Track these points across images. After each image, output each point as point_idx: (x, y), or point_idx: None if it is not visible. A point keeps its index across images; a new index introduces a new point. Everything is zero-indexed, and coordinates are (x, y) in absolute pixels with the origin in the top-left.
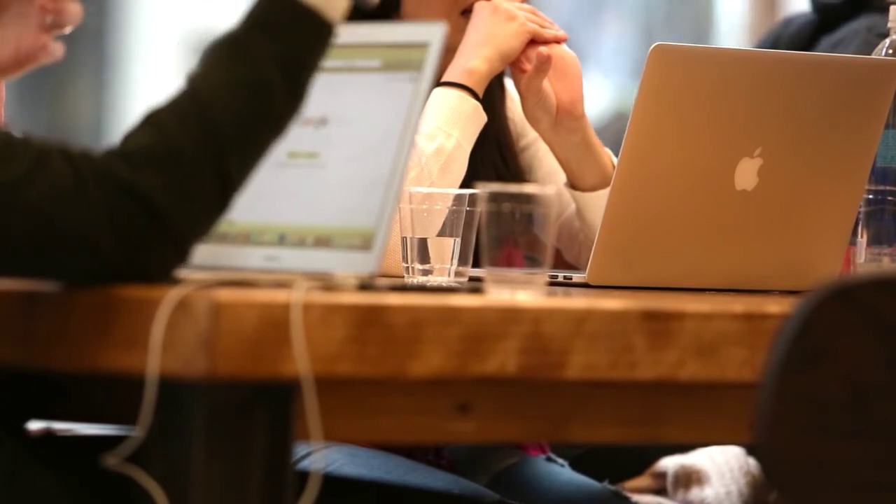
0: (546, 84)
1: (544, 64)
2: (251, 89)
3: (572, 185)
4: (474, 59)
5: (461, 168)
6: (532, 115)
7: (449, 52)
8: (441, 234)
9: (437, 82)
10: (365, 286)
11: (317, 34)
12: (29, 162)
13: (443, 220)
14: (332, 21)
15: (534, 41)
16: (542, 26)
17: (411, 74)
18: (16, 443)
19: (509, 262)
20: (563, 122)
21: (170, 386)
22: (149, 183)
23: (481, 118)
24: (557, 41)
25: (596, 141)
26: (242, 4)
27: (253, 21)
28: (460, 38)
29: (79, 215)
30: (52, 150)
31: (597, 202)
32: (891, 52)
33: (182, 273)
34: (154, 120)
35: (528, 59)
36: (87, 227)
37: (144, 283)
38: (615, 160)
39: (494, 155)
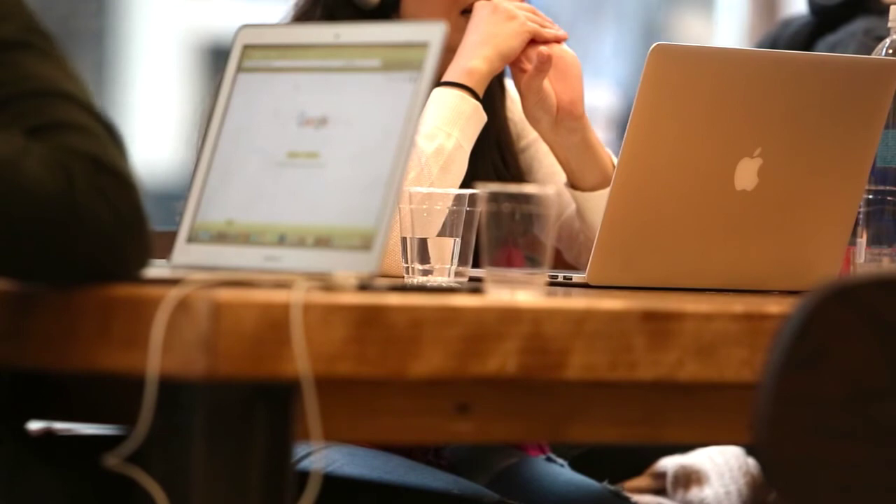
0: (546, 84)
1: (544, 63)
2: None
3: (572, 185)
4: (474, 59)
5: (461, 168)
6: (532, 115)
7: (449, 52)
8: (441, 234)
9: (437, 82)
10: (365, 286)
11: None
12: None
13: (443, 220)
14: None
15: (534, 41)
16: (542, 26)
17: (411, 74)
18: (16, 443)
19: (509, 262)
20: (563, 121)
21: (170, 386)
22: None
23: (481, 118)
24: (557, 41)
25: (596, 141)
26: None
27: None
28: (460, 38)
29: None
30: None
31: (597, 202)
32: (891, 51)
33: (182, 273)
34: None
35: (528, 58)
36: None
37: (121, 244)
38: (615, 160)
39: (494, 155)
